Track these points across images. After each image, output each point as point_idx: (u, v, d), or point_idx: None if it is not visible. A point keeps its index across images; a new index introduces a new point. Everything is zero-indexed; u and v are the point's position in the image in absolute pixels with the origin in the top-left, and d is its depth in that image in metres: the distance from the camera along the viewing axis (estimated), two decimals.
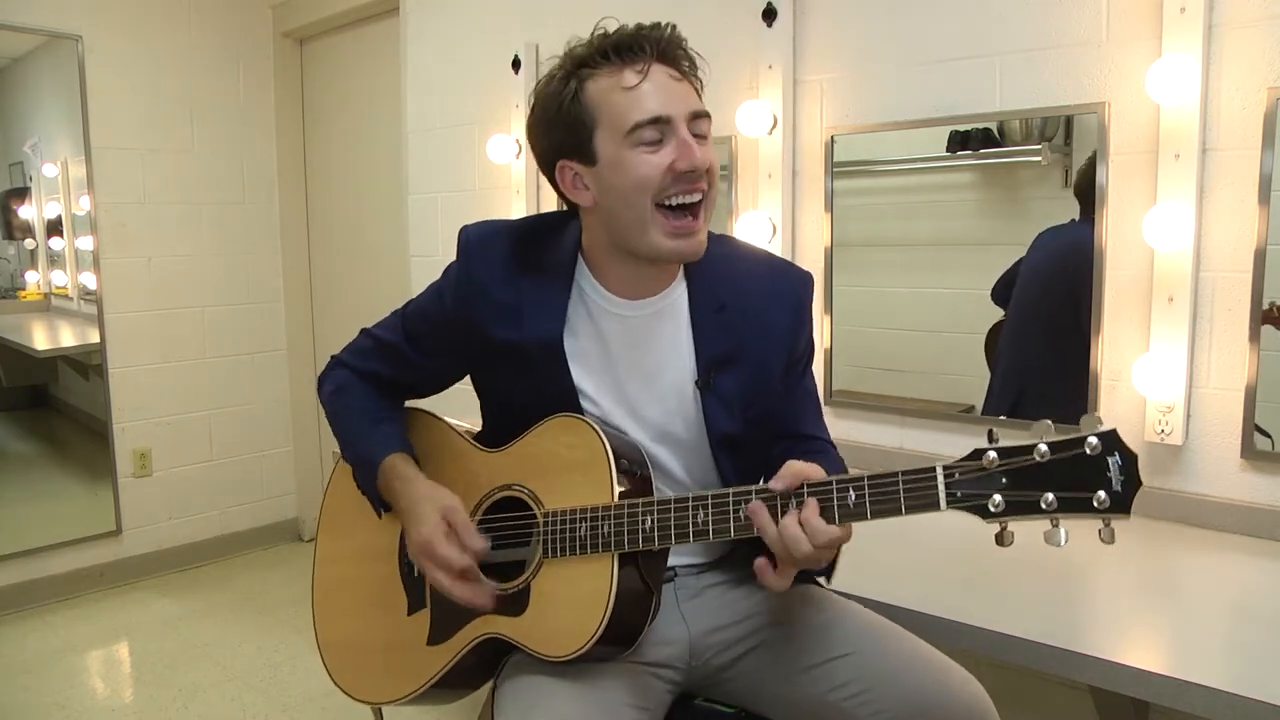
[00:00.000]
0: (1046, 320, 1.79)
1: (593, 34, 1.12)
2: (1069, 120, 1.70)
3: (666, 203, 1.09)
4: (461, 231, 1.24)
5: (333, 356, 1.37)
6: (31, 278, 3.28)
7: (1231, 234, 1.53)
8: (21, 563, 3.06)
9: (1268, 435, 1.53)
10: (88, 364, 3.25)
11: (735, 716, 1.20)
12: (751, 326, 1.19)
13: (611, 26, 1.12)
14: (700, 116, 1.11)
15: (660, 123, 1.07)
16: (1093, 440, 0.87)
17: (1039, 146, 1.73)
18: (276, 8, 3.54)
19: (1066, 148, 1.71)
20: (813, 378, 1.29)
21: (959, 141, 1.83)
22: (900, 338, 1.95)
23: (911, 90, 1.88)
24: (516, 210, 2.62)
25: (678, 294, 1.20)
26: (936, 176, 1.91)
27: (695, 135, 1.10)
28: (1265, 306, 1.50)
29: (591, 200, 1.14)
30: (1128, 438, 0.88)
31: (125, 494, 3.30)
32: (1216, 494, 1.58)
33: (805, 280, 1.26)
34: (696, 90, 1.14)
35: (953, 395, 1.88)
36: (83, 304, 3.23)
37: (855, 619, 1.17)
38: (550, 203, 2.38)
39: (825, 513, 0.97)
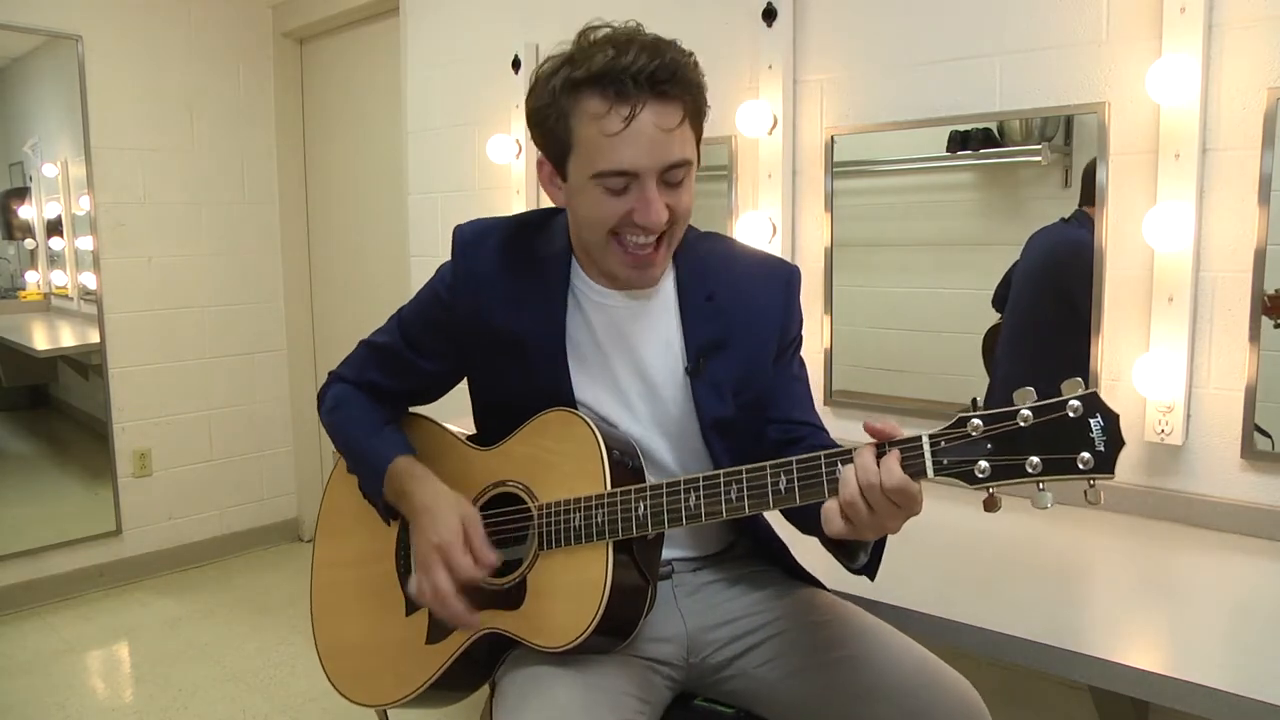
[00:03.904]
0: (1042, 321, 1.79)
1: (593, 35, 1.06)
2: (1069, 120, 1.69)
3: (621, 239, 1.10)
4: (456, 230, 1.25)
5: (330, 372, 1.37)
6: (31, 278, 3.28)
7: (1231, 234, 1.53)
8: (21, 563, 3.06)
9: (1268, 435, 1.53)
10: (88, 364, 3.24)
11: (734, 717, 1.20)
12: (741, 314, 1.20)
13: (616, 23, 1.08)
14: (678, 166, 1.07)
15: (627, 175, 1.06)
16: (1074, 403, 0.87)
17: (1039, 146, 1.73)
18: (276, 8, 3.53)
19: (1066, 148, 1.71)
20: (803, 364, 1.29)
21: (959, 141, 1.83)
22: (900, 338, 1.95)
23: (911, 90, 1.88)
24: (516, 210, 2.62)
25: (665, 285, 1.21)
26: (936, 176, 1.90)
27: (669, 184, 1.08)
28: (1271, 293, 1.49)
29: (564, 203, 1.16)
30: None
31: (125, 494, 3.30)
32: (1216, 494, 1.58)
33: (793, 270, 1.28)
34: (692, 126, 1.08)
35: (953, 395, 1.87)
36: (83, 304, 3.22)
37: (852, 621, 1.17)
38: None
39: (813, 483, 0.96)
